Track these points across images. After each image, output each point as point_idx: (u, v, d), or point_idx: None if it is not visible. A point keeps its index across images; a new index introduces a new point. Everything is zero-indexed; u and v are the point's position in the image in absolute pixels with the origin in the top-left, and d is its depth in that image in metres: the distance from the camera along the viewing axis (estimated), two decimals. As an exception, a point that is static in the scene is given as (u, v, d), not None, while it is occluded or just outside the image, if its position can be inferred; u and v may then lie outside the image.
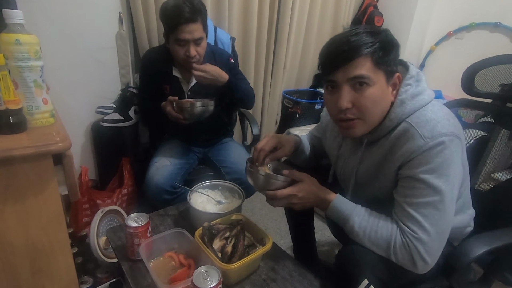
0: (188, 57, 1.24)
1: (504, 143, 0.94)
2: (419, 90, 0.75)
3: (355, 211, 0.78)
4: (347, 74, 0.71)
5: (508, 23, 2.09)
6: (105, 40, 1.59)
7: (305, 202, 0.83)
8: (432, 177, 0.69)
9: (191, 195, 1.07)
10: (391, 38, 0.73)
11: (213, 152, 1.51)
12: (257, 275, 0.90)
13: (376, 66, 0.70)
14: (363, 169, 0.85)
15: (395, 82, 0.75)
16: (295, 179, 0.84)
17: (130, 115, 1.60)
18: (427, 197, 0.69)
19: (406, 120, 0.73)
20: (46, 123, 0.72)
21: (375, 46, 0.69)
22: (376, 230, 0.74)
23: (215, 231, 0.89)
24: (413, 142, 0.70)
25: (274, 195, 0.83)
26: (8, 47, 0.64)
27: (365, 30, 0.71)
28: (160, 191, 1.26)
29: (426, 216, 0.69)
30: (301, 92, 2.45)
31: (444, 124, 0.70)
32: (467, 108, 1.04)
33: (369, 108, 0.73)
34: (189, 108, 1.21)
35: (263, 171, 0.87)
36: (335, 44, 0.73)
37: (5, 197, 0.63)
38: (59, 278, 0.75)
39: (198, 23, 1.20)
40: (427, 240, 0.69)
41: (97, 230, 1.28)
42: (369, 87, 0.71)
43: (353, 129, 0.77)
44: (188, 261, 0.87)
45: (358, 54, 0.69)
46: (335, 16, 2.41)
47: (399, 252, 0.71)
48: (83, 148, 1.69)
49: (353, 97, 0.72)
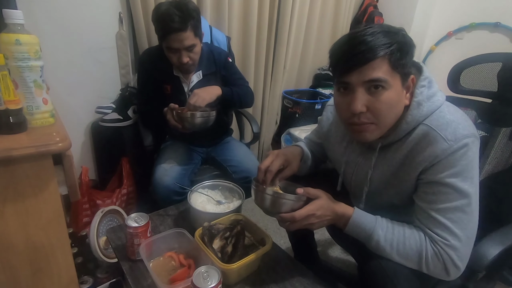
0: (182, 64, 1.24)
1: (504, 142, 0.94)
2: (433, 91, 0.72)
3: (377, 224, 0.73)
4: (362, 77, 0.67)
5: (508, 23, 2.09)
6: (105, 40, 1.59)
7: (323, 220, 0.76)
8: (458, 181, 0.66)
9: (191, 195, 1.07)
10: (408, 39, 0.69)
11: (216, 152, 1.51)
12: (257, 275, 0.90)
13: (393, 68, 0.67)
14: (377, 175, 0.80)
15: (409, 84, 0.71)
16: (310, 196, 0.77)
17: (130, 115, 1.60)
18: (454, 201, 0.67)
19: (424, 123, 0.70)
20: (46, 123, 0.72)
21: (393, 48, 0.65)
22: (404, 242, 0.70)
23: (215, 231, 0.89)
24: (437, 146, 0.67)
25: (292, 217, 0.74)
26: (8, 47, 0.64)
27: (381, 30, 0.67)
28: (169, 192, 1.25)
29: (455, 222, 0.67)
30: (301, 92, 2.45)
31: (464, 125, 0.68)
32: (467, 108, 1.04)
33: (384, 113, 0.69)
34: (189, 118, 1.19)
35: (271, 190, 0.79)
36: (349, 44, 0.68)
37: (5, 197, 0.63)
38: (59, 278, 0.75)
39: (188, 31, 1.17)
40: (459, 246, 0.66)
41: (97, 230, 1.28)
42: (385, 91, 0.67)
43: (366, 133, 0.73)
44: (188, 261, 0.87)
45: (376, 56, 0.65)
46: (335, 16, 2.41)
47: (431, 262, 0.68)
48: (83, 148, 1.69)
49: (367, 100, 0.68)
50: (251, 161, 1.42)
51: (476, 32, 2.25)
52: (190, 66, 1.29)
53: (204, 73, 1.38)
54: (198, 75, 1.37)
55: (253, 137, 1.63)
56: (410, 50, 0.69)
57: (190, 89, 1.37)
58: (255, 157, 1.49)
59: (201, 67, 1.38)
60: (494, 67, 0.95)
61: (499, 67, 0.94)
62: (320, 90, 2.43)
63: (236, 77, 1.47)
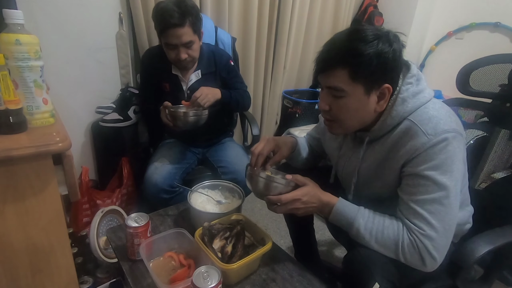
0: (179, 60, 1.25)
1: (504, 143, 0.94)
2: (420, 88, 0.75)
3: (359, 213, 0.77)
4: (325, 81, 0.75)
5: (508, 23, 2.09)
6: (105, 40, 1.59)
7: (309, 207, 0.81)
8: (436, 174, 0.69)
9: (191, 195, 1.07)
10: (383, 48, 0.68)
11: (211, 153, 1.51)
12: (257, 275, 0.90)
13: (353, 79, 0.70)
14: (365, 168, 0.84)
15: (383, 92, 0.73)
16: (298, 183, 0.82)
17: (130, 115, 1.60)
18: (433, 193, 0.69)
19: (408, 118, 0.74)
20: (46, 123, 0.72)
21: (358, 60, 0.68)
22: (382, 231, 0.73)
23: (215, 231, 0.89)
24: (417, 140, 0.70)
25: (278, 200, 0.80)
26: (8, 47, 0.64)
27: (360, 36, 0.69)
28: (158, 190, 1.26)
29: (432, 213, 0.69)
30: (301, 92, 2.45)
31: (446, 121, 0.71)
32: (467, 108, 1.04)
33: (343, 116, 0.76)
34: (182, 117, 1.21)
35: (264, 173, 0.85)
36: (326, 47, 0.74)
37: (5, 197, 0.63)
38: (59, 278, 0.75)
39: (187, 27, 1.19)
40: (434, 236, 0.69)
41: (97, 230, 1.28)
42: (343, 98, 0.73)
43: (331, 129, 0.82)
44: (188, 261, 0.87)
45: (335, 65, 0.70)
46: (335, 16, 2.41)
47: (407, 251, 0.70)
48: (83, 148, 1.69)
49: (330, 101, 0.76)
50: (242, 162, 1.41)
51: (476, 32, 2.25)
52: (188, 63, 1.29)
53: (203, 72, 1.38)
54: (197, 74, 1.38)
55: (253, 140, 1.63)
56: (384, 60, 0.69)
57: (188, 88, 1.38)
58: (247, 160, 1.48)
59: (200, 66, 1.38)
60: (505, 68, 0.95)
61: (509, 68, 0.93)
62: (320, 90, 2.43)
63: (236, 81, 1.48)
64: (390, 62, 0.70)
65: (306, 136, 1.15)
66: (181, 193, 1.31)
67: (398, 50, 0.71)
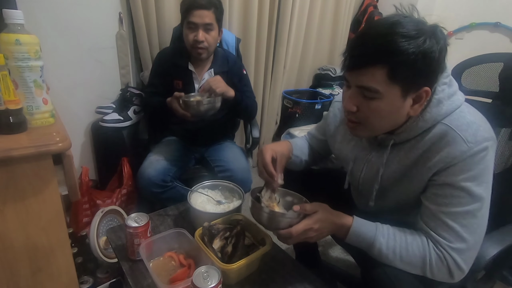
0: (196, 42, 1.28)
1: (504, 143, 0.94)
2: (454, 90, 0.69)
3: (378, 231, 0.71)
4: (355, 80, 0.66)
5: (508, 23, 2.09)
6: (105, 40, 1.59)
7: (322, 232, 0.75)
8: (473, 185, 0.64)
9: (191, 195, 1.07)
10: (430, 46, 0.60)
11: (209, 153, 1.52)
12: (257, 275, 0.90)
13: (391, 79, 0.61)
14: (388, 173, 0.77)
15: (420, 95, 0.65)
16: (308, 213, 0.75)
17: (130, 115, 1.61)
18: (467, 205, 0.64)
19: (443, 122, 0.67)
20: (46, 123, 0.72)
21: (400, 58, 0.59)
22: (406, 248, 0.68)
23: (215, 231, 0.89)
24: (455, 147, 0.64)
25: (289, 233, 0.73)
26: (8, 47, 0.64)
27: (403, 30, 0.59)
28: (149, 183, 1.28)
29: (465, 226, 0.64)
30: (301, 92, 2.45)
31: (485, 127, 0.65)
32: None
33: (372, 119, 0.68)
34: (195, 105, 1.20)
35: (268, 208, 0.79)
36: (359, 40, 0.65)
37: (5, 197, 0.63)
38: (59, 278, 0.75)
39: (211, 12, 1.27)
40: (464, 249, 0.65)
41: (97, 230, 1.28)
42: (376, 100, 0.65)
43: (354, 130, 0.74)
44: (188, 261, 0.87)
45: (373, 62, 0.61)
46: (335, 16, 2.41)
47: (435, 266, 0.66)
48: (83, 148, 1.69)
49: (359, 102, 0.67)
50: (238, 162, 1.42)
51: (476, 32, 2.25)
52: (203, 51, 1.31)
53: (216, 71, 1.41)
54: (210, 73, 1.41)
55: (252, 143, 1.63)
56: (429, 61, 0.61)
57: (201, 86, 1.39)
58: (245, 159, 1.48)
59: (213, 66, 1.41)
60: (496, 67, 0.95)
61: (501, 67, 0.94)
62: (320, 90, 2.43)
63: (247, 90, 1.51)
64: (435, 62, 0.62)
65: (307, 135, 1.09)
66: (173, 188, 1.33)
67: (445, 48, 0.63)
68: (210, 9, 1.27)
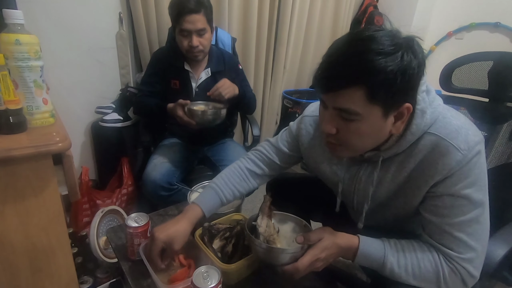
0: (191, 47, 1.28)
1: (504, 143, 0.94)
2: (432, 96, 0.67)
3: (386, 250, 0.69)
4: (333, 102, 0.62)
5: (508, 23, 2.09)
6: (105, 40, 1.59)
7: (329, 258, 0.72)
8: (472, 191, 0.63)
9: (191, 195, 1.07)
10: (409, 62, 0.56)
11: (212, 152, 1.52)
12: (257, 275, 0.90)
13: (370, 100, 0.58)
14: (383, 190, 0.75)
15: (401, 112, 0.62)
16: (312, 243, 0.71)
17: (130, 115, 1.61)
18: (469, 213, 0.63)
19: (430, 132, 0.65)
20: (46, 123, 0.72)
21: (378, 78, 0.55)
22: (418, 265, 0.67)
23: (215, 231, 0.89)
24: (450, 157, 0.62)
25: (295, 269, 0.69)
26: (8, 47, 0.64)
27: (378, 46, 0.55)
28: (156, 187, 1.26)
29: (471, 234, 0.64)
30: (301, 92, 2.45)
31: (473, 130, 0.64)
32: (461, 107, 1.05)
33: (353, 141, 0.65)
34: (200, 115, 1.21)
35: (267, 245, 0.72)
36: (331, 58, 0.60)
37: (5, 197, 0.63)
38: (59, 278, 0.75)
39: (201, 15, 1.24)
40: (474, 257, 0.64)
41: (97, 230, 1.28)
42: (355, 121, 0.61)
43: (336, 152, 0.70)
44: (188, 261, 0.86)
45: (348, 84, 0.57)
46: (335, 16, 2.41)
47: (449, 280, 0.65)
48: (83, 148, 1.69)
49: (338, 124, 0.64)
50: None
51: (476, 32, 2.25)
52: (199, 53, 1.31)
53: (212, 70, 1.41)
54: (207, 72, 1.41)
55: (253, 140, 1.63)
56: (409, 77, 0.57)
57: (198, 86, 1.39)
58: None
59: (210, 65, 1.41)
60: (485, 66, 0.96)
61: (490, 65, 0.95)
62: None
63: (245, 84, 1.51)
64: (415, 78, 0.59)
65: (267, 145, 0.99)
66: (179, 190, 1.32)
67: (423, 62, 0.60)
68: (200, 11, 1.24)
